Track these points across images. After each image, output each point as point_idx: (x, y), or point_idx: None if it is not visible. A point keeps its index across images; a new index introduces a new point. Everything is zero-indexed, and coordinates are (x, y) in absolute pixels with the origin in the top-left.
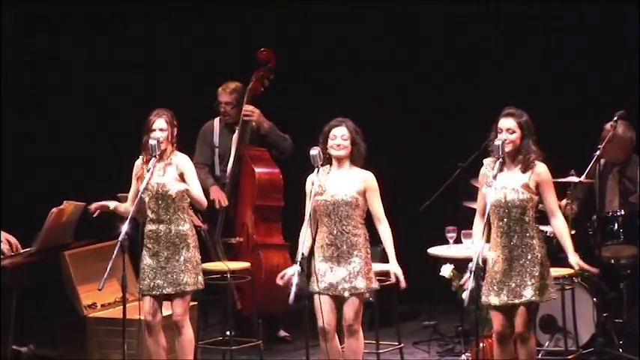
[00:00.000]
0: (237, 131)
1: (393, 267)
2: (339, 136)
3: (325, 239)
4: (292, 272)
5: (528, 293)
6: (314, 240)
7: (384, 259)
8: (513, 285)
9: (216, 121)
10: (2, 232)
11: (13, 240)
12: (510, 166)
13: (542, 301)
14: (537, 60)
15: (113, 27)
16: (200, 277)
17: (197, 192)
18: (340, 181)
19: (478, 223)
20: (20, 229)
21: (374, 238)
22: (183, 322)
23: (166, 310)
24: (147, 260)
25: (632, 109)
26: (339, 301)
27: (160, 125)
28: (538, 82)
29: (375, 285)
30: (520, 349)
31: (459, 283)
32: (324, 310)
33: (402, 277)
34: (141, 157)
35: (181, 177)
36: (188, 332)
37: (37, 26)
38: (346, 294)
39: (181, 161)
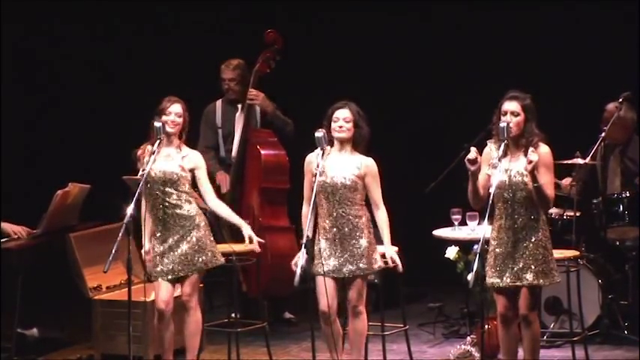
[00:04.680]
0: (240, 111)
1: (389, 250)
2: (342, 119)
3: (326, 221)
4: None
5: (531, 276)
6: (317, 222)
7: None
8: (517, 268)
9: (218, 102)
10: (9, 224)
11: (18, 229)
12: (513, 148)
13: (545, 284)
14: (541, 41)
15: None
16: (217, 253)
17: (208, 191)
18: (340, 164)
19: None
20: (26, 212)
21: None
22: (192, 302)
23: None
24: (154, 245)
25: (630, 89)
26: (342, 283)
27: (177, 110)
28: (541, 63)
29: (379, 265)
30: (524, 332)
31: (464, 264)
32: (326, 294)
33: (398, 260)
34: (140, 148)
35: (191, 172)
36: (196, 314)
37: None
38: (350, 275)
39: (196, 158)
